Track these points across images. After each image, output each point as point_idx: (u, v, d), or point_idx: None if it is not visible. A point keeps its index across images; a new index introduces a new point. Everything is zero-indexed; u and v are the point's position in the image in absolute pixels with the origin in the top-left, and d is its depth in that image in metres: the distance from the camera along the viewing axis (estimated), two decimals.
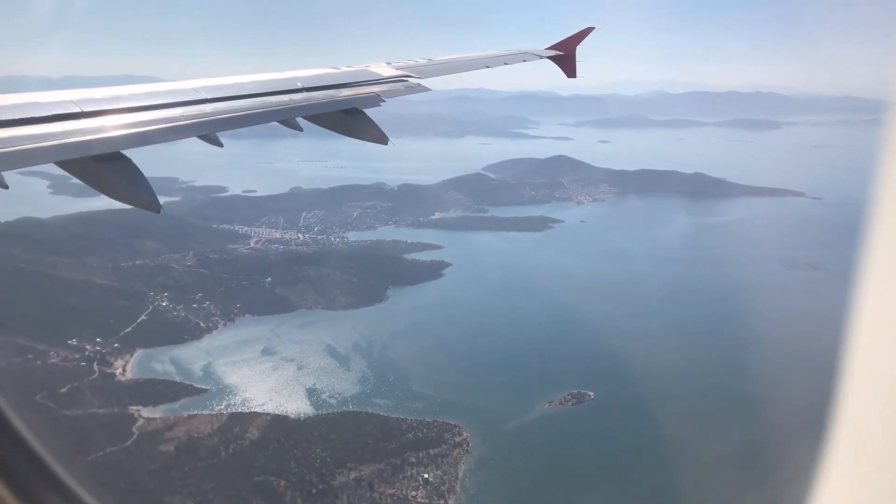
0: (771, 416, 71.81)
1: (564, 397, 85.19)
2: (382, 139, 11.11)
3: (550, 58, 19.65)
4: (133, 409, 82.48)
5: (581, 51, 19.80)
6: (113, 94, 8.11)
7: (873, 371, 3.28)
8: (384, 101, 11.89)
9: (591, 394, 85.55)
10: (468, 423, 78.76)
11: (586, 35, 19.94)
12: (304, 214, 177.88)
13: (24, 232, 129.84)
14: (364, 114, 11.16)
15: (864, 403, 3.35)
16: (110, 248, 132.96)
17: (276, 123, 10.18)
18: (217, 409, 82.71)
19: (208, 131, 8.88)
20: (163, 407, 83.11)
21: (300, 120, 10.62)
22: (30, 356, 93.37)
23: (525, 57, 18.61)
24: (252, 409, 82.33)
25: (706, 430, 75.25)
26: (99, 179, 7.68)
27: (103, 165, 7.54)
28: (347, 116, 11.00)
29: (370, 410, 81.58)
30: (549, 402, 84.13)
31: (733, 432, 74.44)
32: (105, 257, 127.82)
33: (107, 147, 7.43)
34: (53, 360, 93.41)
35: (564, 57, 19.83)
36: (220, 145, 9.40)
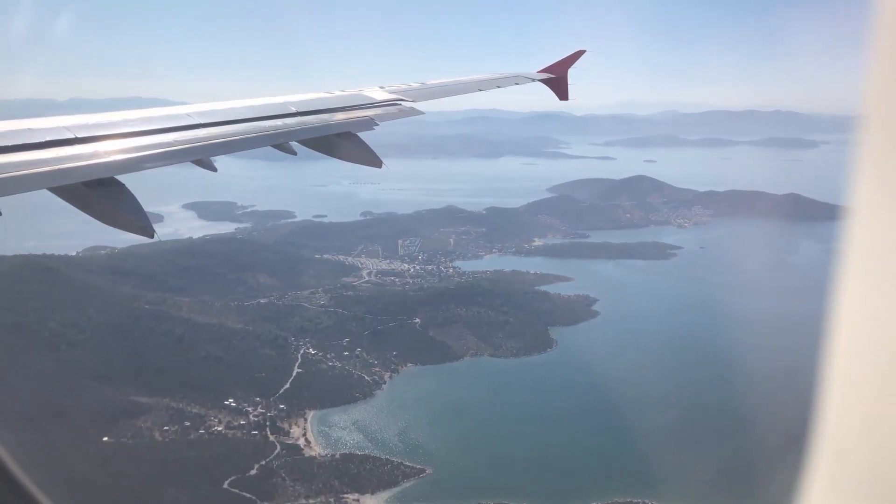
0: None
1: None
2: (376, 162, 10.73)
3: (542, 80, 19.16)
4: (350, 497, 65.76)
5: (572, 73, 19.14)
6: (107, 120, 7.87)
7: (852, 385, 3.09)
8: (377, 124, 11.49)
9: None
10: None
11: (578, 58, 19.41)
12: (400, 242, 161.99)
13: (129, 266, 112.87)
14: (357, 136, 10.76)
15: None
16: (219, 283, 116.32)
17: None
18: (454, 497, 65.88)
19: (202, 156, 8.56)
20: (385, 495, 66.33)
21: (293, 143, 10.20)
22: (187, 423, 76.58)
23: (517, 80, 18.25)
24: (499, 500, 65.48)
25: None
26: (92, 205, 7.30)
27: (97, 191, 7.19)
28: (340, 140, 10.64)
29: None
30: None
31: None
32: (220, 295, 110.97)
33: (101, 173, 7.11)
34: (218, 429, 76.73)
35: (556, 80, 19.29)
36: (214, 170, 9.15)
